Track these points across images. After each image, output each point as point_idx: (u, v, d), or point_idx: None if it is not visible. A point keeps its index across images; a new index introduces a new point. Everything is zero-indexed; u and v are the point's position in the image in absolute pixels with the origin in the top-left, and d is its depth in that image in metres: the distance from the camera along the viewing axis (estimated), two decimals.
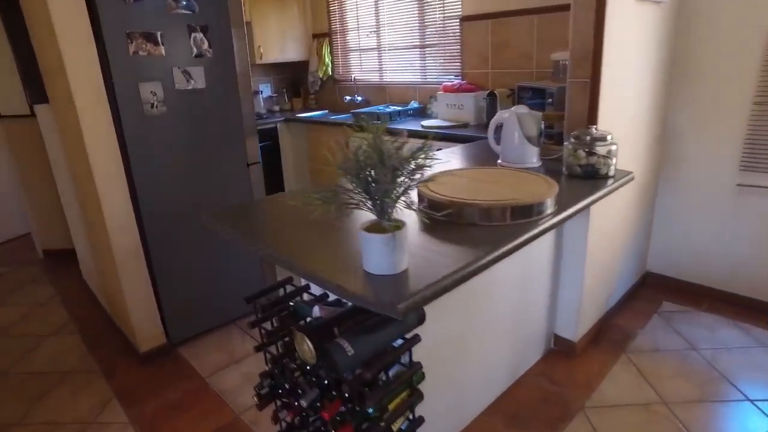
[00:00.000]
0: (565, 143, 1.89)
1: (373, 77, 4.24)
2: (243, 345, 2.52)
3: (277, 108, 4.74)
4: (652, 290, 2.89)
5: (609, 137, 1.82)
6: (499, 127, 2.08)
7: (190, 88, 2.30)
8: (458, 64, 3.55)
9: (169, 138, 2.28)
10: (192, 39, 2.27)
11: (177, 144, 2.31)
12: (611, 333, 2.49)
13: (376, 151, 1.03)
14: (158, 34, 2.15)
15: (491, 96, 3.11)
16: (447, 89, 3.34)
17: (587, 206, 1.61)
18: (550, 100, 2.60)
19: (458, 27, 3.47)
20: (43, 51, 2.36)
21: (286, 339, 1.54)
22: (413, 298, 0.99)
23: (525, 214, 1.42)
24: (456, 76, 3.61)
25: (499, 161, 2.08)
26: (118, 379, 2.31)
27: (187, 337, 2.56)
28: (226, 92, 2.44)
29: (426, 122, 3.28)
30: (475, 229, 1.35)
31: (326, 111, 4.55)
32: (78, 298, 3.13)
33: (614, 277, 2.58)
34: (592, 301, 2.37)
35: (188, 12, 2.23)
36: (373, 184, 1.04)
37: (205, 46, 2.31)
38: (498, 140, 2.09)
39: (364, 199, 1.07)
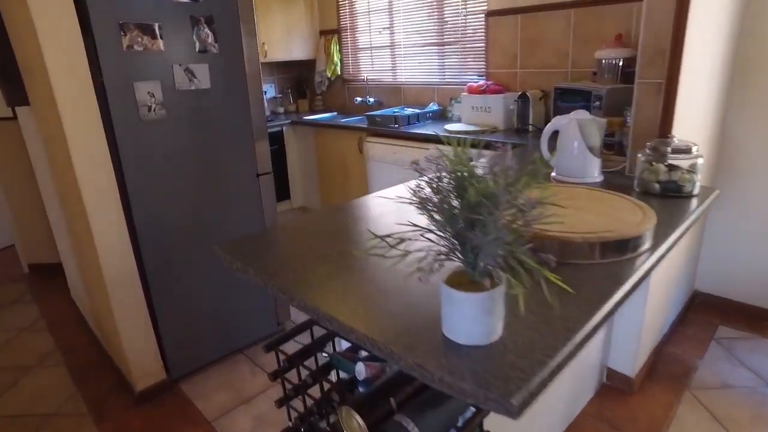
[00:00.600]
0: (638, 155, 1.60)
1: (386, 77, 3.95)
2: (253, 380, 2.22)
3: (281, 110, 4.44)
4: (703, 313, 2.61)
5: (694, 149, 1.53)
6: (554, 135, 1.79)
7: (192, 88, 2.00)
8: (482, 63, 3.27)
9: (169, 146, 1.98)
10: (195, 32, 1.97)
11: (178, 153, 2.01)
12: (668, 365, 2.21)
13: (480, 186, 0.73)
14: (156, 25, 1.85)
15: (523, 98, 2.83)
16: (473, 90, 3.06)
17: (683, 235, 1.32)
18: (597, 103, 2.32)
19: (483, 23, 3.18)
20: (21, 45, 2.05)
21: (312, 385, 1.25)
22: (528, 386, 0.70)
23: (619, 250, 1.13)
24: (479, 76, 3.32)
25: (552, 174, 1.80)
26: (109, 423, 2.00)
27: (190, 371, 2.26)
28: (233, 94, 2.14)
29: (450, 126, 3.00)
30: (556, 271, 1.06)
31: (335, 113, 4.26)
32: (66, 321, 2.82)
33: (669, 300, 2.30)
34: (649, 329, 2.09)
35: (191, 1, 1.93)
36: (471, 230, 0.75)
37: (210, 40, 2.01)
38: (552, 150, 1.81)
39: (451, 246, 0.78)
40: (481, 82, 3.03)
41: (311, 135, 3.87)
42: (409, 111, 3.43)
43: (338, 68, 4.21)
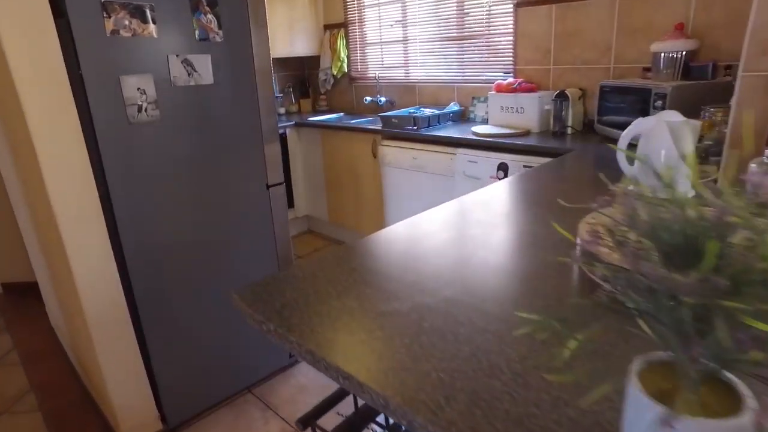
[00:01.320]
0: (751, 165, 1.30)
1: (399, 75, 3.63)
2: (266, 426, 1.89)
3: (282, 110, 4.10)
4: None
5: None
6: (635, 141, 1.48)
7: (192, 84, 1.66)
8: (509, 59, 2.96)
9: (164, 153, 1.65)
10: (195, 16, 1.63)
11: (174, 161, 1.68)
12: None
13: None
14: (148, 6, 1.52)
15: (561, 97, 2.52)
16: (502, 89, 2.75)
17: None
18: (659, 103, 2.02)
19: (511, 14, 2.88)
20: None
21: None
22: None
23: None
24: (506, 73, 3.01)
25: (630, 188, 1.48)
26: None
27: (191, 416, 1.92)
28: (240, 91, 1.81)
29: (478, 129, 2.68)
30: None
31: (341, 114, 3.93)
32: (43, 353, 2.46)
33: None
34: None
35: None
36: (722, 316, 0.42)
37: (214, 26, 1.68)
38: (633, 159, 1.50)
39: (666, 334, 0.46)
40: (511, 80, 2.72)
41: (318, 138, 3.53)
42: (428, 112, 3.11)
43: (345, 65, 3.88)
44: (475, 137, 2.57)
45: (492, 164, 2.46)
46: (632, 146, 1.49)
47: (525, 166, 2.34)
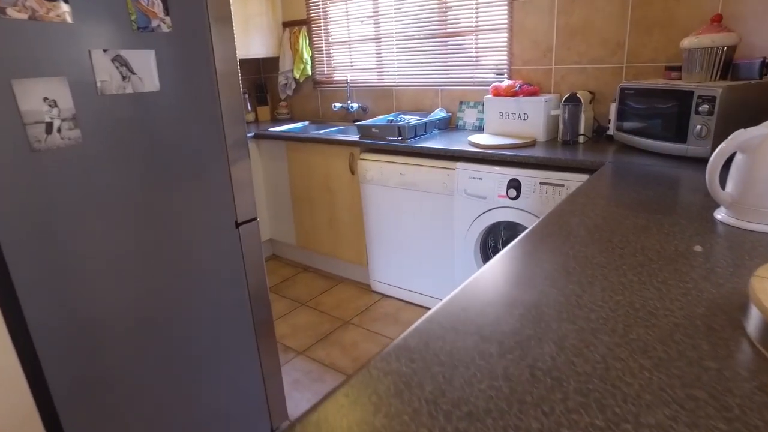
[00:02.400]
0: None
1: (371, 78, 3.21)
2: None
3: None
4: None
5: None
6: (730, 159, 1.14)
7: (129, 91, 1.18)
8: (503, 58, 2.61)
9: (89, 189, 1.15)
10: None
11: (102, 200, 1.19)
12: None
13: None
14: None
15: (572, 101, 2.19)
16: (500, 92, 2.39)
17: None
18: (705, 107, 1.71)
19: (506, 7, 2.53)
20: None
21: None
22: None
23: None
24: (498, 74, 2.67)
25: (720, 217, 1.14)
26: None
27: None
28: (198, 100, 1.33)
29: (477, 139, 2.31)
30: None
31: (305, 123, 3.46)
32: None
33: None
34: None
35: None
36: None
37: (159, 10, 1.20)
38: (724, 182, 1.16)
39: None
40: (512, 82, 2.37)
41: (282, 151, 3.06)
42: (413, 119, 2.71)
43: (308, 67, 3.43)
44: (477, 149, 2.19)
45: (500, 181, 2.09)
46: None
47: (542, 183, 1.99)
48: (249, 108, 3.66)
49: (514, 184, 2.05)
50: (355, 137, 2.67)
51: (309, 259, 3.27)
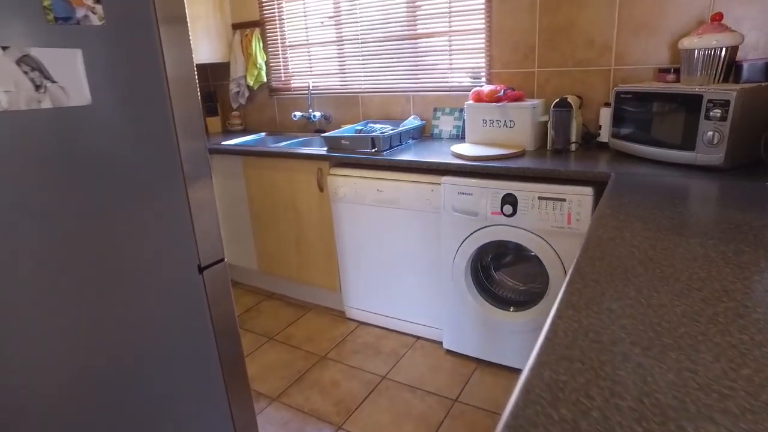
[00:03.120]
0: None
1: (334, 84, 2.95)
2: None
3: None
4: None
5: None
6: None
7: (46, 105, 0.87)
8: (481, 60, 2.43)
9: None
10: None
11: (19, 245, 0.87)
12: None
13: None
14: None
15: (562, 106, 2.03)
16: (482, 98, 2.19)
17: None
18: (716, 112, 1.57)
19: (482, 6, 2.35)
20: None
21: None
22: None
23: None
24: (475, 78, 2.48)
25: None
26: None
27: None
28: (145, 115, 1.03)
29: (460, 149, 2.10)
30: None
31: (262, 134, 3.15)
32: None
33: None
34: None
35: None
36: None
37: None
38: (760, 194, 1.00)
39: None
40: (495, 87, 2.18)
41: (238, 166, 2.73)
42: (387, 129, 2.47)
43: (263, 73, 3.12)
44: (464, 161, 1.98)
45: (494, 196, 1.88)
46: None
47: (541, 198, 1.80)
48: None
49: (510, 200, 1.85)
50: (322, 150, 2.39)
51: (273, 285, 2.96)
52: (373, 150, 2.26)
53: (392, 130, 2.41)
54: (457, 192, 1.96)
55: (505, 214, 1.87)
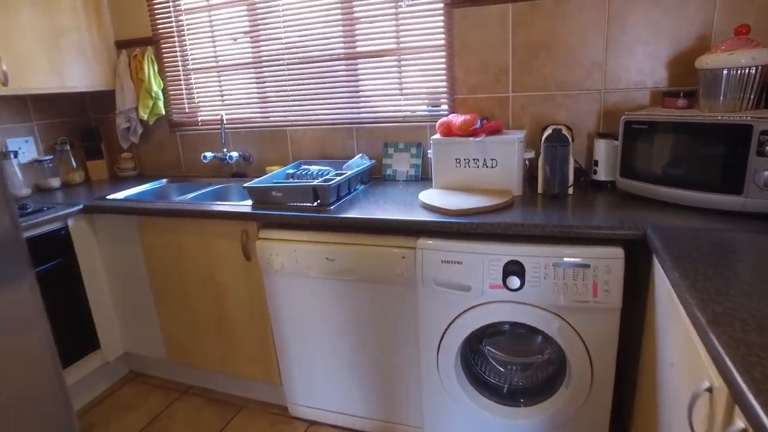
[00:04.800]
0: None
1: (253, 115, 2.36)
2: None
3: (55, 183, 2.46)
4: None
5: None
6: None
7: None
8: (441, 84, 1.98)
9: None
10: None
11: None
12: None
13: None
14: None
15: (557, 140, 1.61)
16: (453, 130, 1.73)
17: None
18: None
19: (441, 18, 1.90)
20: None
21: None
22: None
23: None
24: (434, 106, 2.02)
25: None
26: None
27: None
28: None
29: (430, 197, 1.61)
30: None
31: (163, 181, 2.48)
32: None
33: None
34: None
35: None
36: None
37: None
38: None
39: None
40: (468, 117, 1.73)
41: (132, 228, 2.05)
42: (328, 172, 1.92)
43: (161, 104, 2.45)
44: (445, 217, 1.49)
45: (492, 265, 1.41)
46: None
47: (556, 265, 1.35)
48: (74, 164, 2.55)
49: (515, 268, 1.39)
50: (246, 205, 1.80)
51: (189, 377, 2.27)
52: (316, 204, 1.71)
53: (337, 174, 1.88)
54: (440, 260, 1.47)
55: (509, 288, 1.40)
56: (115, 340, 2.25)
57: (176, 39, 2.39)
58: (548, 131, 1.65)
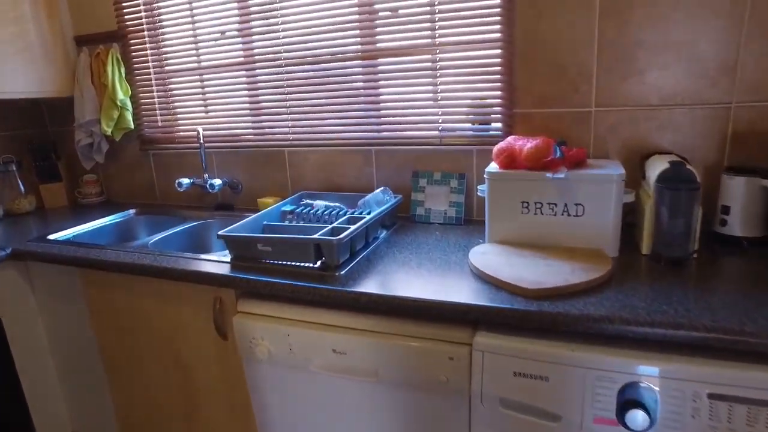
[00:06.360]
0: None
1: (244, 131, 1.84)
2: None
3: None
4: None
5: None
6: None
7: None
8: (496, 94, 1.45)
9: None
10: None
11: None
12: None
13: None
14: None
15: (681, 180, 1.07)
16: (518, 159, 1.20)
17: None
18: None
19: (498, 3, 1.38)
20: None
21: None
22: None
23: None
24: (482, 123, 1.49)
25: None
26: None
27: None
28: None
29: (486, 262, 1.08)
30: None
31: (131, 211, 1.97)
32: None
33: None
34: None
35: None
36: None
37: None
38: None
39: None
40: (538, 141, 1.19)
41: (73, 282, 1.53)
42: (337, 212, 1.40)
43: (129, 116, 1.95)
44: (520, 303, 0.95)
45: (602, 386, 0.86)
46: None
47: (714, 397, 0.80)
48: (22, 189, 2.05)
49: (638, 395, 0.84)
50: (221, 263, 1.27)
51: None
52: (320, 264, 1.18)
53: (351, 216, 1.35)
54: (511, 371, 0.93)
55: (629, 428, 0.85)
56: (57, 421, 1.73)
57: (146, 34, 1.88)
58: (659, 164, 1.11)
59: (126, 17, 1.89)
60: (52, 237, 1.65)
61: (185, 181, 1.80)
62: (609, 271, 1.04)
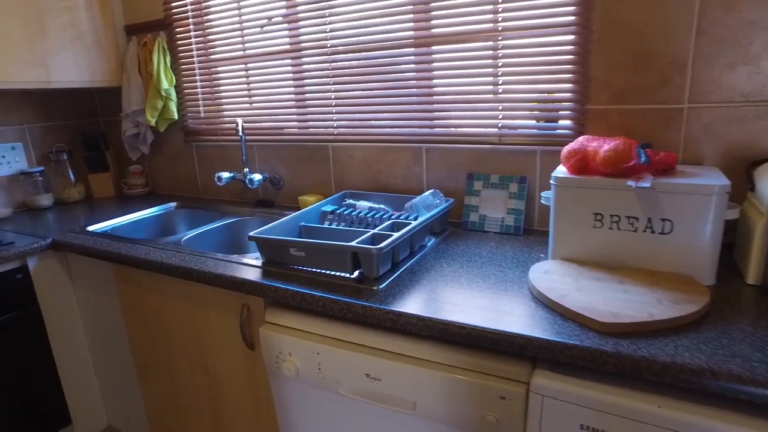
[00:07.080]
0: None
1: (289, 124, 1.74)
2: None
3: (46, 200, 1.97)
4: None
5: None
6: None
7: None
8: (567, 87, 1.26)
9: None
10: None
11: None
12: None
13: None
14: None
15: None
16: (592, 164, 1.02)
17: None
18: None
19: None
20: None
21: None
22: None
23: None
24: (547, 122, 1.31)
25: None
26: None
27: None
28: None
29: (546, 279, 0.91)
30: None
31: (172, 204, 1.92)
32: None
33: None
34: None
35: None
36: None
37: None
38: None
39: None
40: (618, 142, 1.00)
41: (108, 275, 1.49)
42: (382, 213, 1.27)
43: (173, 106, 1.90)
44: (591, 340, 0.78)
45: None
46: None
47: None
48: (72, 178, 2.05)
49: None
50: (252, 268, 1.17)
51: None
52: (356, 275, 1.05)
53: (396, 220, 1.21)
54: (577, 424, 0.76)
55: None
56: (93, 412, 1.71)
57: (191, 22, 1.82)
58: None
59: (173, 4, 1.83)
60: (91, 228, 1.62)
61: (225, 175, 1.72)
62: (706, 305, 0.84)
